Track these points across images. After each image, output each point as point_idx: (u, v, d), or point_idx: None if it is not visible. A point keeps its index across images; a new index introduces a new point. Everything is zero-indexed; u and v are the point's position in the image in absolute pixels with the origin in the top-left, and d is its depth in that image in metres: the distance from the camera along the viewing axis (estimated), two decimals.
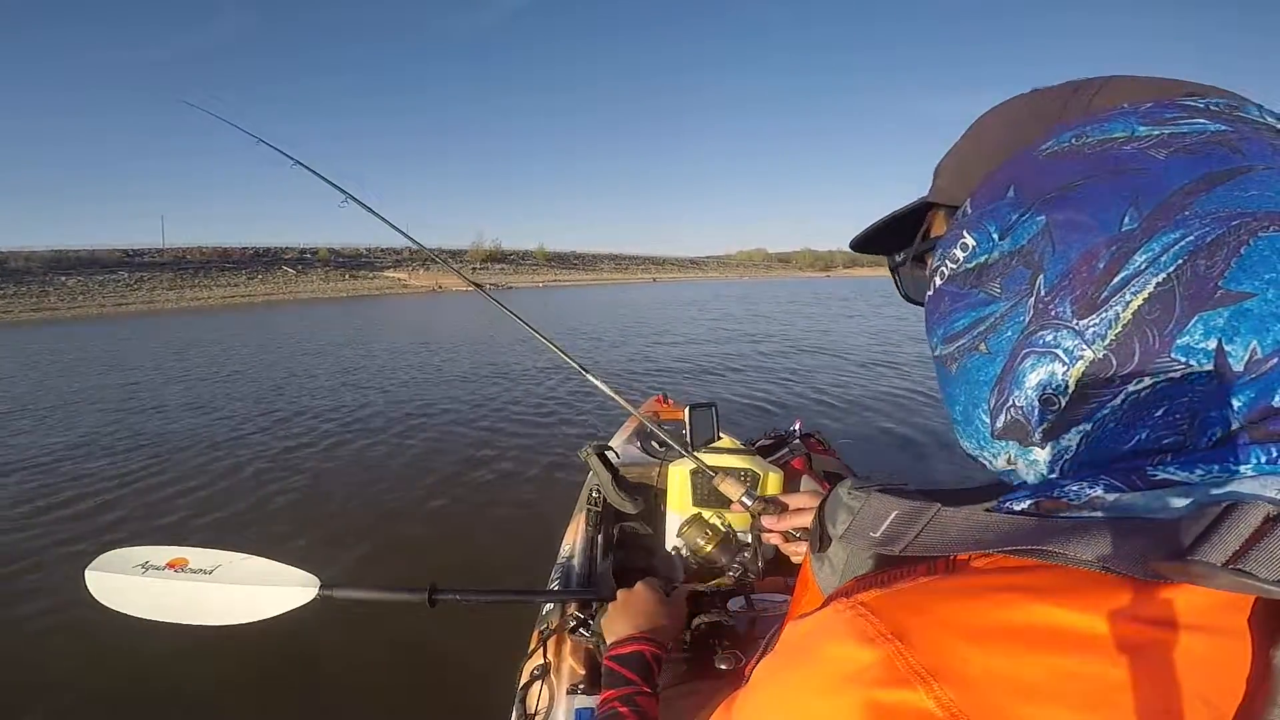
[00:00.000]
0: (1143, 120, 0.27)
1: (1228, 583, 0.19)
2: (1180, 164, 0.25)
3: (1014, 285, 0.28)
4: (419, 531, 2.96)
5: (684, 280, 57.95)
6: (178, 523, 3.12)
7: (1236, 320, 0.23)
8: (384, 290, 35.38)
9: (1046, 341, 0.26)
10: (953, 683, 0.22)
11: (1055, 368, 0.26)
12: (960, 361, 0.30)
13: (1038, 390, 0.27)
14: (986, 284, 0.29)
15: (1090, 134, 0.27)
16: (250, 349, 10.31)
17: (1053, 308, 0.26)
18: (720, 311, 18.03)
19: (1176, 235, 0.24)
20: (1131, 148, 0.26)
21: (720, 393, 5.98)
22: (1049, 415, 0.27)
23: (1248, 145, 0.25)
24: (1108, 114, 0.28)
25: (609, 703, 0.64)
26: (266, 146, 1.35)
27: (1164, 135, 0.26)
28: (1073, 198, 0.26)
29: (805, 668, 0.26)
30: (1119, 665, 0.21)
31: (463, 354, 9.03)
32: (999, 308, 0.28)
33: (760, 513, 0.69)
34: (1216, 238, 0.23)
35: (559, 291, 33.88)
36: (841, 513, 0.32)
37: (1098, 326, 0.25)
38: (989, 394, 0.29)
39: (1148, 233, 0.24)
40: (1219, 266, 0.23)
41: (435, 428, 4.81)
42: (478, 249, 54.47)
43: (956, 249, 0.31)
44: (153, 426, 4.99)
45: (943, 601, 0.24)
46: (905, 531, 0.27)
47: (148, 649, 1.88)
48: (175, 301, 26.54)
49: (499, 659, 1.33)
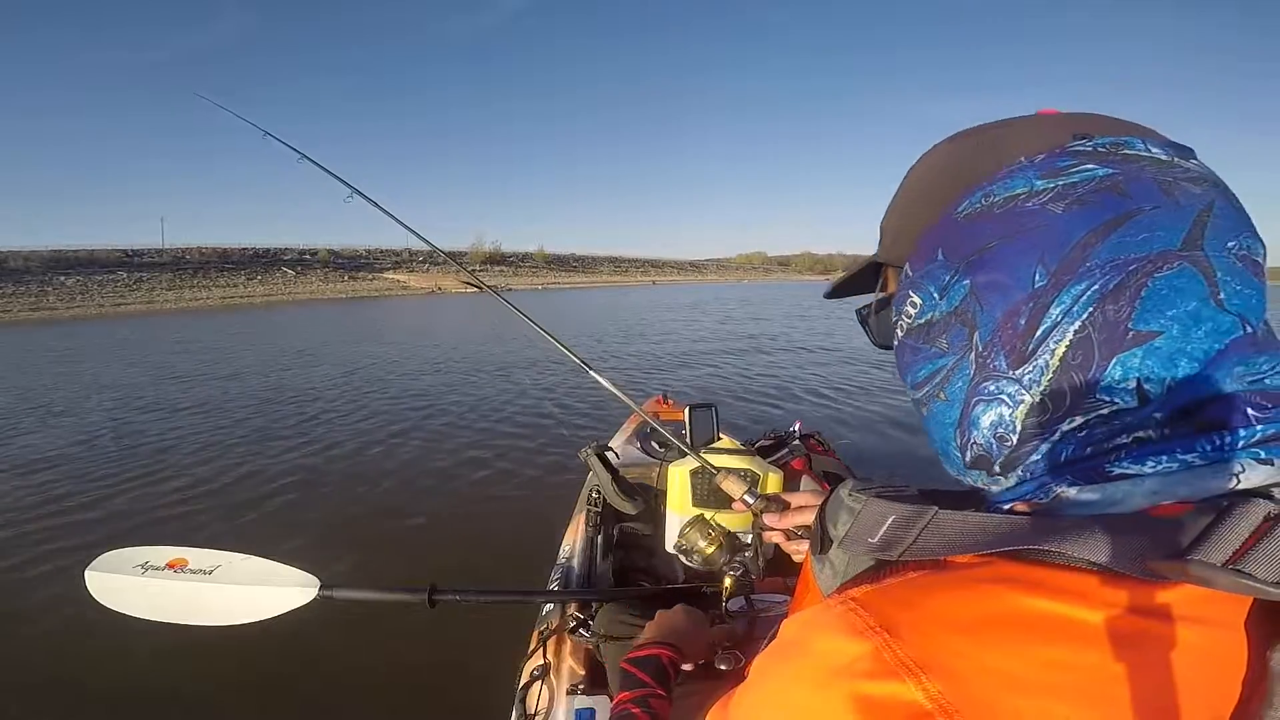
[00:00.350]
0: (1039, 173, 0.29)
1: (1227, 583, 0.19)
2: (1076, 217, 0.27)
3: (957, 341, 0.31)
4: (418, 532, 2.95)
5: (683, 283, 57.95)
6: (177, 522, 3.12)
7: (1149, 358, 0.25)
8: (384, 292, 35.35)
9: (991, 390, 0.29)
10: (941, 675, 0.22)
11: (1002, 410, 0.29)
12: (929, 406, 0.34)
13: (991, 430, 0.29)
14: (936, 340, 0.32)
15: (996, 193, 0.30)
16: (249, 349, 10.30)
17: (990, 361, 0.29)
18: (722, 313, 18.03)
19: (1082, 286, 0.26)
20: (1033, 204, 0.28)
21: (720, 394, 5.99)
22: (1005, 450, 0.29)
23: (1133, 186, 0.27)
24: (1009, 171, 0.30)
25: (622, 704, 0.64)
26: (275, 141, 1.35)
27: (1059, 187, 0.28)
28: (989, 260, 0.29)
29: (796, 661, 0.26)
30: (1109, 656, 0.21)
31: (461, 354, 9.03)
32: (948, 361, 0.32)
33: (762, 511, 0.69)
34: (1118, 284, 0.26)
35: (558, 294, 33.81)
36: (843, 514, 0.32)
37: (1032, 374, 0.27)
38: (954, 434, 0.32)
39: (1057, 287, 0.27)
40: (1125, 310, 0.26)
41: (435, 428, 4.80)
42: (477, 250, 54.45)
43: (907, 306, 0.34)
44: (153, 426, 4.99)
45: (932, 595, 0.25)
46: (903, 536, 0.27)
47: (147, 649, 1.88)
48: (174, 302, 26.49)
49: (499, 659, 1.33)
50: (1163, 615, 0.22)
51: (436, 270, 43.58)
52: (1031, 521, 0.25)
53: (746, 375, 7.16)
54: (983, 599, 0.23)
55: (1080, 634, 0.22)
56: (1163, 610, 0.22)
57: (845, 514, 0.31)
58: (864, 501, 0.30)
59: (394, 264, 47.12)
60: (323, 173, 1.24)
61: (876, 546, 0.28)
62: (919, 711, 0.21)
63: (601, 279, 55.85)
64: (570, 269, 60.20)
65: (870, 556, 0.30)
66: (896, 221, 0.37)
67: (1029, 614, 0.22)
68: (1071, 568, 0.23)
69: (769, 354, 8.98)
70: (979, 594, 0.24)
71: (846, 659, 0.23)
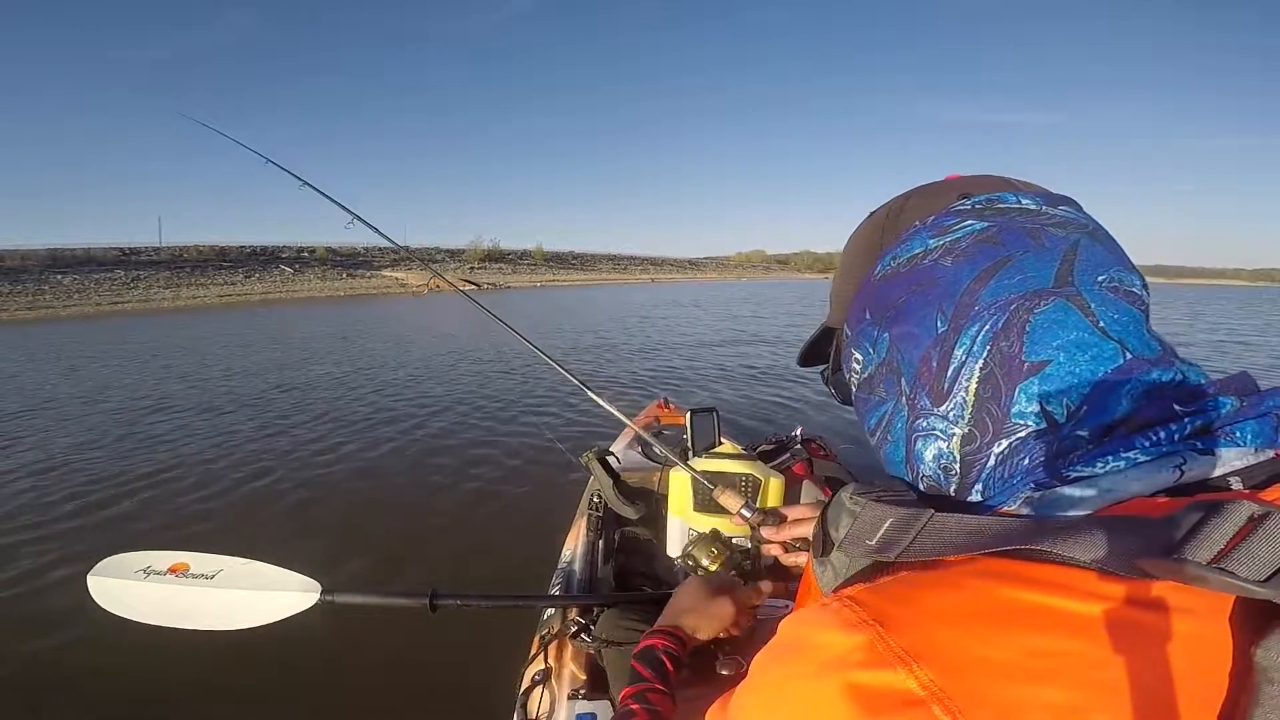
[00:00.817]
0: (931, 233, 0.33)
1: (1212, 581, 0.20)
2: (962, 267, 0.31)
3: (891, 388, 0.35)
4: (420, 535, 2.95)
5: (683, 281, 57.91)
6: (179, 527, 3.11)
7: (1045, 384, 0.29)
8: (382, 290, 35.24)
9: (924, 426, 0.33)
10: (934, 663, 0.22)
11: (940, 444, 0.32)
12: (883, 449, 0.37)
13: (935, 462, 0.33)
14: (875, 389, 0.37)
15: (900, 254, 0.34)
16: (248, 348, 10.28)
17: (918, 401, 0.33)
18: (723, 312, 18.04)
19: (976, 327, 0.30)
20: (928, 261, 0.33)
21: (719, 395, 5.99)
22: (951, 479, 0.32)
23: (1004, 235, 0.31)
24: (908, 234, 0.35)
25: (625, 700, 0.63)
26: (275, 167, 1.35)
27: (946, 244, 0.32)
28: (901, 313, 0.33)
29: (792, 656, 0.27)
30: (1099, 644, 0.22)
31: (460, 353, 9.01)
32: (888, 406, 0.36)
33: (759, 524, 0.69)
34: (1005, 321, 0.29)
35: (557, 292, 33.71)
36: (844, 518, 0.32)
37: (955, 409, 0.31)
38: (905, 470, 0.35)
39: (956, 330, 0.31)
40: (1016, 344, 0.29)
41: (435, 428, 4.80)
42: (476, 248, 54.31)
43: (852, 364, 0.39)
44: (154, 429, 4.98)
45: (924, 590, 0.25)
46: (900, 538, 0.28)
47: (148, 654, 1.87)
48: (172, 300, 26.37)
49: (500, 664, 1.33)
50: (1150, 605, 0.22)
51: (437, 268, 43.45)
52: (1024, 522, 0.26)
53: (749, 377, 7.16)
54: (973, 593, 0.24)
55: (1068, 623, 0.22)
56: (1150, 601, 0.22)
57: (846, 517, 0.32)
58: (864, 505, 0.31)
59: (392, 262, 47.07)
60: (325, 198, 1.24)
61: (875, 548, 0.29)
62: (912, 699, 0.22)
63: (601, 277, 55.77)
64: (569, 266, 60.12)
65: (868, 558, 0.31)
66: (837, 289, 0.42)
67: (1018, 605, 0.23)
68: (1061, 564, 0.23)
69: (775, 352, 8.98)
70: (970, 588, 0.24)
71: (841, 650, 0.24)
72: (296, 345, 10.70)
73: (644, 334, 12.00)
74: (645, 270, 69.56)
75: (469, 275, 44.71)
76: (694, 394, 6.05)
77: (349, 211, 1.21)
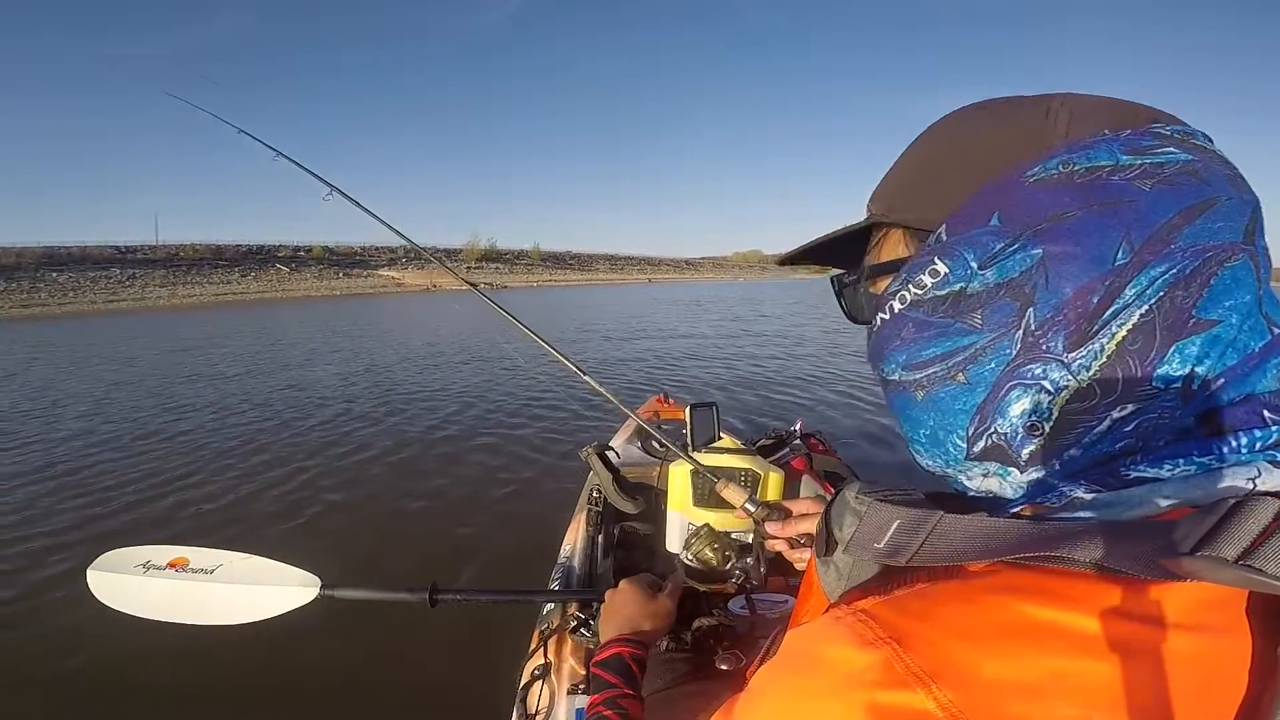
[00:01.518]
0: (1125, 149, 0.27)
1: (1238, 579, 0.19)
2: (1165, 196, 0.26)
3: (998, 318, 0.28)
4: (419, 531, 2.95)
5: (680, 281, 57.94)
6: (177, 521, 3.11)
7: (1207, 346, 0.25)
8: (378, 289, 35.19)
9: (1035, 374, 0.27)
10: (952, 684, 0.22)
11: (1041, 398, 0.27)
12: (930, 390, 0.31)
13: (1023, 419, 0.28)
14: (965, 315, 0.29)
15: (1077, 162, 0.28)
16: (246, 347, 10.25)
17: (1043, 341, 0.27)
18: (726, 311, 18.03)
19: (1162, 269, 0.25)
20: (1118, 178, 0.27)
21: (720, 394, 5.99)
22: (1033, 440, 0.28)
23: (1211, 174, 0.27)
24: (1091, 141, 0.28)
25: (595, 707, 0.64)
26: (249, 138, 1.31)
27: (1146, 165, 0.27)
28: (1066, 229, 0.27)
29: (805, 672, 0.26)
30: (1116, 664, 0.21)
31: (459, 351, 9.01)
32: (980, 339, 0.29)
33: (764, 519, 0.69)
34: (1194, 269, 0.25)
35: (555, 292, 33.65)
36: (848, 517, 0.32)
37: (1084, 359, 0.26)
38: (967, 421, 0.30)
39: (1138, 266, 0.25)
40: (1193, 297, 0.25)
41: (434, 425, 4.79)
42: (473, 248, 54.23)
43: (925, 275, 0.30)
44: (153, 425, 4.97)
45: (940, 605, 0.25)
46: (909, 541, 0.27)
47: (146, 648, 1.87)
48: (167, 299, 26.34)
49: (499, 659, 1.33)
50: (1167, 624, 0.22)
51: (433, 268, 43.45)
52: (1038, 527, 0.25)
53: (747, 377, 7.17)
54: (992, 609, 0.24)
55: (1085, 642, 0.22)
56: (1161, 613, 0.22)
57: (850, 517, 0.31)
58: (869, 505, 0.30)
59: (389, 261, 46.91)
60: (300, 170, 1.20)
61: (883, 552, 0.28)
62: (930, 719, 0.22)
63: (598, 277, 55.74)
64: (566, 266, 60.12)
65: (876, 562, 0.30)
66: (919, 182, 0.33)
67: (1037, 623, 0.23)
68: (1080, 574, 0.23)
69: (779, 352, 8.99)
70: (987, 604, 0.24)
71: (857, 668, 0.24)
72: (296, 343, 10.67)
73: (644, 331, 12.00)
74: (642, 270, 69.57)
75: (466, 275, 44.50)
76: (694, 389, 6.06)
77: (325, 182, 1.17)
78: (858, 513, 0.30)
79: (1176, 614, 0.22)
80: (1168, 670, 0.22)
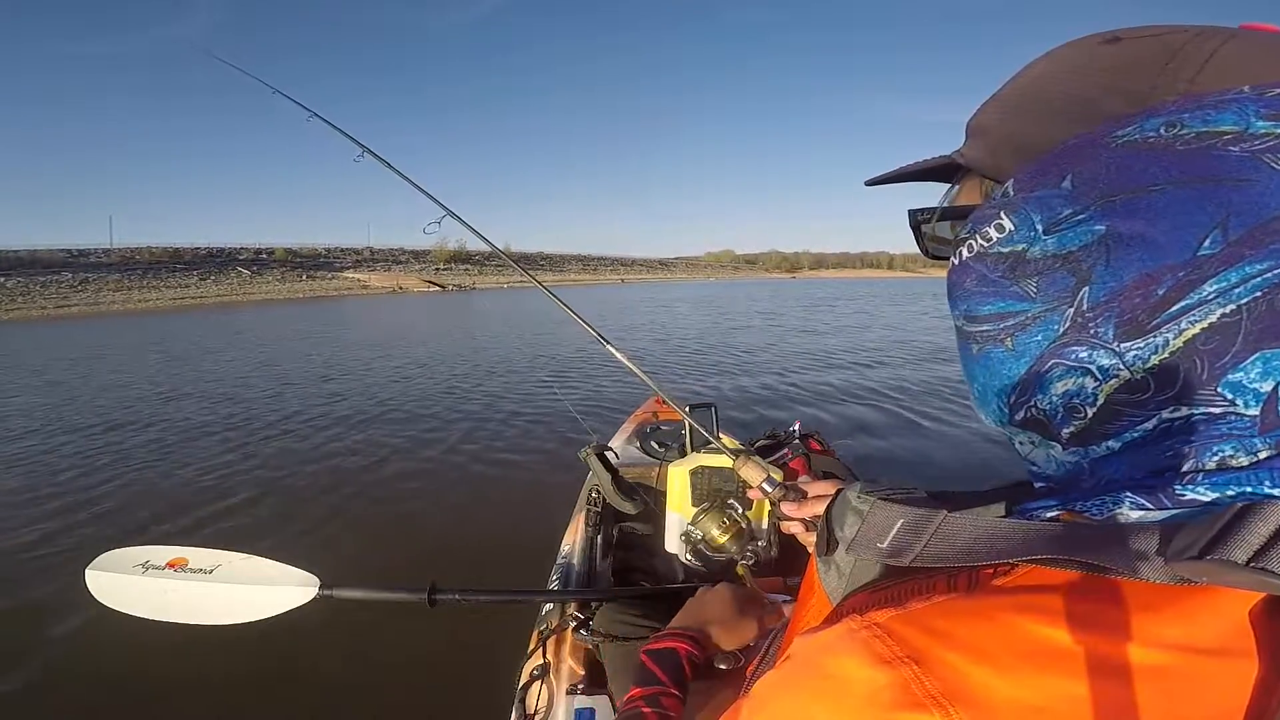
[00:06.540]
0: (1264, 112, 0.21)
1: (1248, 580, 0.19)
2: None
3: (1052, 290, 0.25)
4: (418, 531, 2.95)
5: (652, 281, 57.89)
6: (176, 522, 3.11)
7: None
8: (343, 291, 34.77)
9: (1080, 357, 0.24)
10: (970, 707, 0.22)
11: (1086, 382, 0.24)
12: (983, 347, 0.29)
13: (1063, 399, 0.25)
14: (1021, 279, 0.26)
15: (1188, 124, 0.22)
16: (221, 351, 10.26)
17: (1092, 325, 0.24)
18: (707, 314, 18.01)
19: (1264, 266, 0.21)
20: (1239, 149, 0.21)
21: (719, 392, 5.99)
22: (1074, 422, 0.25)
23: None
24: (1220, 98, 0.22)
25: (633, 701, 0.61)
26: (284, 98, 1.32)
27: None
28: (1145, 205, 0.23)
29: (817, 686, 0.25)
30: (1138, 690, 0.21)
31: (440, 353, 9.00)
32: (1031, 308, 0.26)
33: (780, 499, 0.68)
34: None
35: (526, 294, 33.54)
36: (850, 516, 0.31)
37: (1141, 351, 0.23)
38: (1010, 389, 0.28)
39: (1229, 260, 0.21)
40: None
41: (429, 427, 4.79)
42: (442, 249, 53.92)
43: (990, 228, 0.28)
44: (145, 429, 4.97)
45: (959, 624, 0.24)
46: (913, 541, 0.27)
47: (145, 648, 1.87)
48: (122, 304, 25.64)
49: (498, 659, 1.33)
50: (1187, 643, 0.22)
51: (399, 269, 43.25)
52: (1049, 529, 0.24)
53: (748, 377, 7.16)
54: (1009, 629, 0.23)
55: (1107, 667, 0.22)
56: (1187, 638, 0.22)
57: (853, 516, 0.31)
58: (872, 504, 0.29)
59: (354, 263, 46.71)
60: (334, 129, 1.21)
61: (886, 552, 0.27)
62: None
63: (570, 278, 55.59)
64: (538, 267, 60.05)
65: (879, 562, 0.30)
66: (1007, 124, 0.29)
67: (1056, 645, 0.22)
68: (1097, 592, 0.23)
69: (774, 352, 8.98)
70: (1006, 624, 0.23)
71: (873, 688, 0.23)
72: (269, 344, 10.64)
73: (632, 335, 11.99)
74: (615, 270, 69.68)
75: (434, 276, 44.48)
76: (691, 388, 6.05)
77: (358, 143, 1.18)
78: (860, 512, 0.30)
79: (1205, 639, 0.22)
80: (1194, 696, 0.21)
